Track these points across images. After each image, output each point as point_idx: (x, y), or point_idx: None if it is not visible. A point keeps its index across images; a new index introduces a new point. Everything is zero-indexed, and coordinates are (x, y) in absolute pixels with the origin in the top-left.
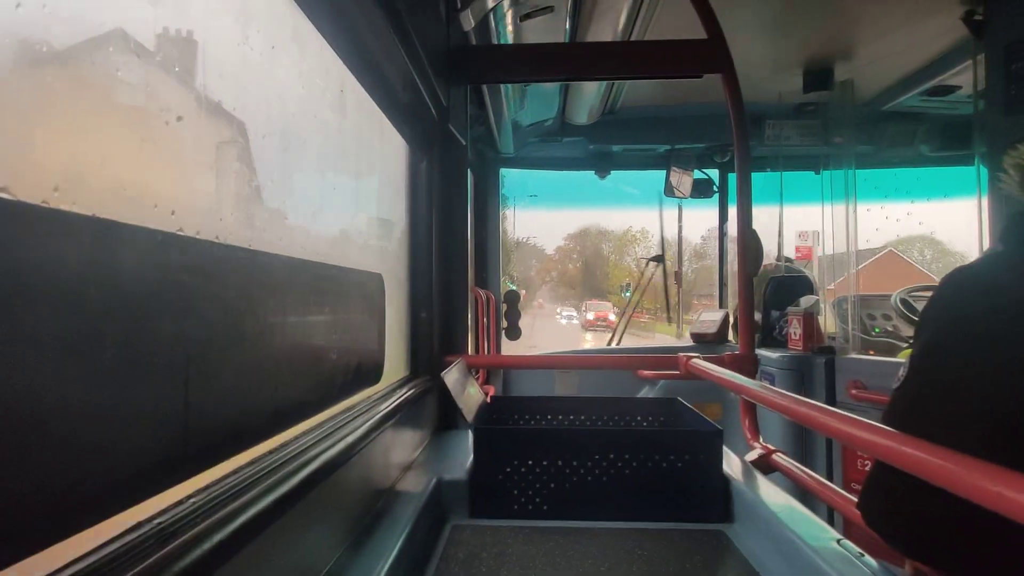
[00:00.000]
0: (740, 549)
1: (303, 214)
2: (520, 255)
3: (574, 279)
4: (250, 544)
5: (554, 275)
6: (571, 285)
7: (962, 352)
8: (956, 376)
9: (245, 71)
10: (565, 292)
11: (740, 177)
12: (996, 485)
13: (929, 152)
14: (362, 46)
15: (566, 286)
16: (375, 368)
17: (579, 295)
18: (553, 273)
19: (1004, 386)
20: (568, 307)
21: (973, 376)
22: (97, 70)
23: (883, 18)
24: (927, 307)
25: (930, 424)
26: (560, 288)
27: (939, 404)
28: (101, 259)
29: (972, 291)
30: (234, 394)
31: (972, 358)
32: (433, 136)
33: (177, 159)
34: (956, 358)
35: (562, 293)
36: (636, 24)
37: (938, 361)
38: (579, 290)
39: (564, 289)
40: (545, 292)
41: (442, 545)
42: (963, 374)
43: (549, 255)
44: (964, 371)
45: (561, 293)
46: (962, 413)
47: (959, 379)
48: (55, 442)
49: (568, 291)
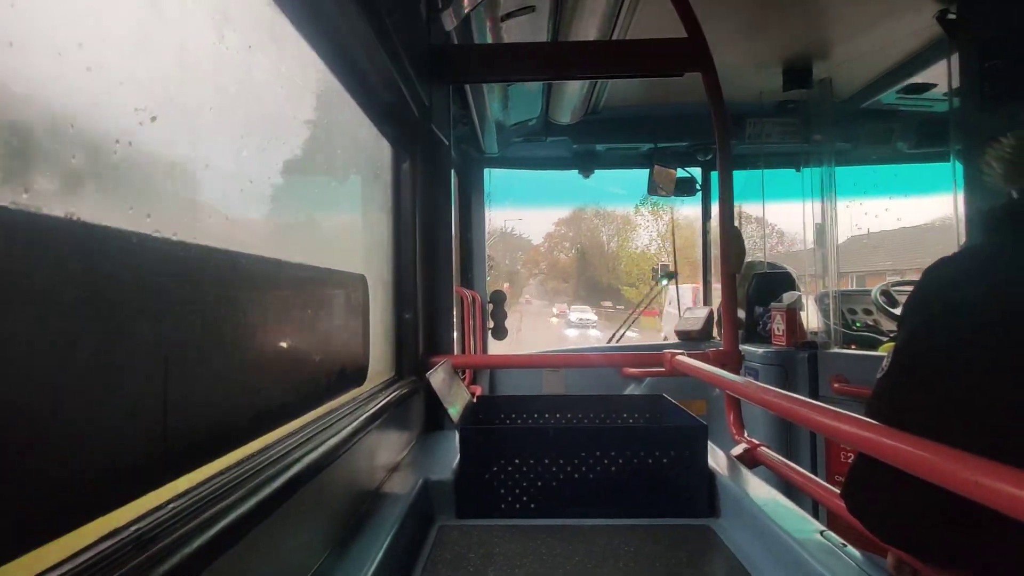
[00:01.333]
0: (726, 543)
1: (283, 214)
2: (506, 246)
3: (567, 271)
4: (232, 548)
5: (543, 267)
6: (564, 278)
7: (945, 342)
8: (939, 367)
9: (221, 69)
10: (556, 286)
11: (722, 175)
12: (973, 474)
13: (906, 149)
14: (341, 44)
15: (558, 279)
16: (359, 370)
17: (573, 289)
18: (543, 264)
19: (985, 377)
20: (581, 305)
21: (956, 367)
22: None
23: (859, 17)
24: (911, 297)
25: (913, 414)
26: (551, 282)
27: (922, 394)
28: (75, 260)
29: (955, 282)
30: (214, 397)
31: (954, 349)
32: (416, 136)
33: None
34: (939, 349)
35: (552, 288)
36: (617, 24)
37: (921, 351)
38: (574, 283)
39: (555, 283)
40: (533, 288)
41: (429, 546)
42: (946, 365)
43: (537, 244)
44: (947, 362)
45: (551, 288)
46: (945, 403)
47: (942, 370)
48: (25, 446)
49: (560, 285)
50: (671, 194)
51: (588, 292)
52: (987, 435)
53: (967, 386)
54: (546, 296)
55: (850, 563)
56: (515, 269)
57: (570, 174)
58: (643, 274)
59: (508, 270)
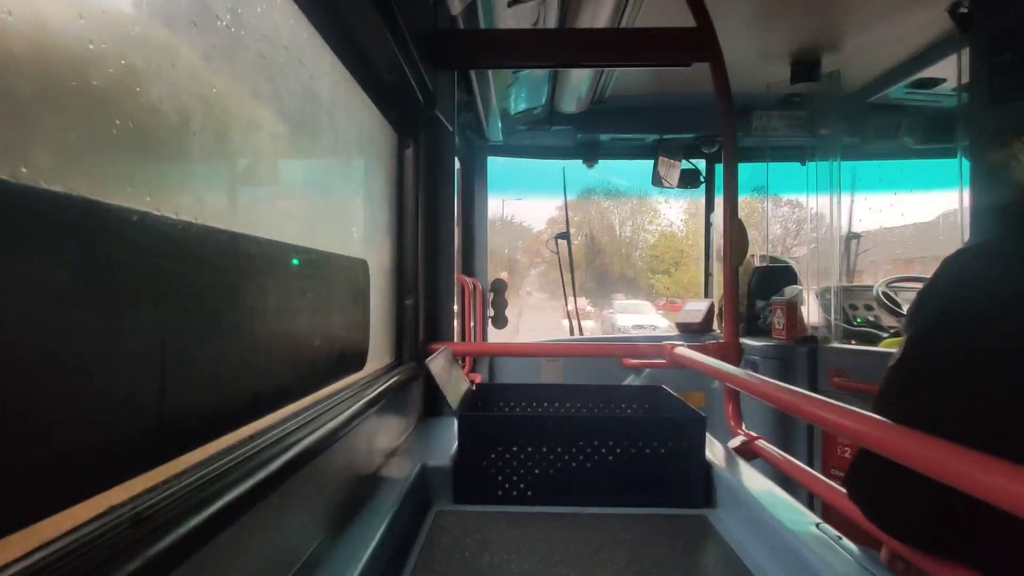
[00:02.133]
0: (721, 533)
1: (285, 197)
2: (505, 234)
3: (575, 259)
4: (228, 529)
5: (547, 255)
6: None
7: (958, 336)
8: (951, 359)
9: (223, 51)
10: (560, 278)
11: (727, 167)
12: (971, 469)
13: (913, 144)
14: (346, 27)
15: (565, 269)
16: (359, 354)
17: (584, 281)
18: (546, 253)
19: (997, 371)
20: (632, 301)
21: (973, 362)
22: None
23: (870, 9)
24: (927, 288)
25: (924, 406)
26: (553, 272)
27: (933, 386)
28: (75, 236)
29: (973, 275)
30: (213, 378)
31: (972, 343)
32: (419, 121)
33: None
34: (952, 341)
35: (555, 279)
36: (625, 12)
37: (934, 343)
38: (581, 273)
39: (559, 274)
40: (535, 280)
41: (426, 530)
42: (963, 359)
43: (539, 231)
44: (964, 356)
45: (554, 278)
46: (955, 396)
47: (957, 363)
48: (26, 425)
49: (565, 276)
50: (675, 186)
51: (597, 284)
52: (1000, 432)
53: (978, 380)
54: (548, 288)
55: (845, 556)
56: (515, 257)
57: (574, 163)
58: (677, 257)
59: (508, 258)
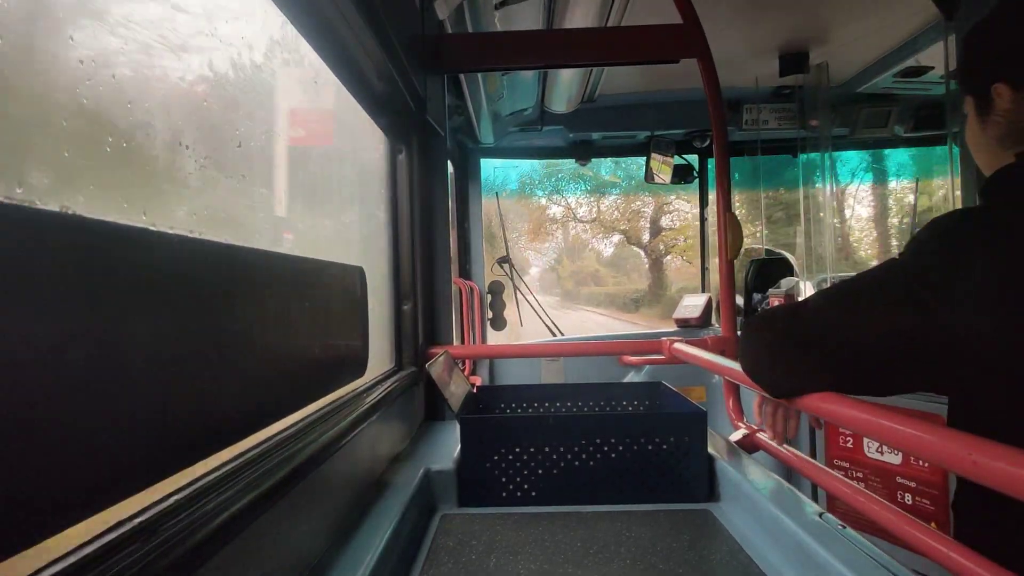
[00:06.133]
0: (726, 526)
1: (280, 208)
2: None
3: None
4: (235, 540)
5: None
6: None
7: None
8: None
9: (212, 59)
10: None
11: (719, 162)
12: (970, 453)
13: (903, 133)
14: (334, 34)
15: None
16: (359, 361)
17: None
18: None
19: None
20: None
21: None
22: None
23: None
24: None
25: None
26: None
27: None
28: (72, 254)
29: (961, 213)
30: (214, 391)
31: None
32: (411, 127)
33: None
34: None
35: (552, 278)
36: (612, 10)
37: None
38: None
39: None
40: (535, 276)
41: (432, 534)
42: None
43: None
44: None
45: (550, 278)
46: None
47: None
48: (30, 443)
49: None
50: (668, 182)
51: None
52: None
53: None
54: (544, 289)
55: (849, 544)
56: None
57: (566, 163)
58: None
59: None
